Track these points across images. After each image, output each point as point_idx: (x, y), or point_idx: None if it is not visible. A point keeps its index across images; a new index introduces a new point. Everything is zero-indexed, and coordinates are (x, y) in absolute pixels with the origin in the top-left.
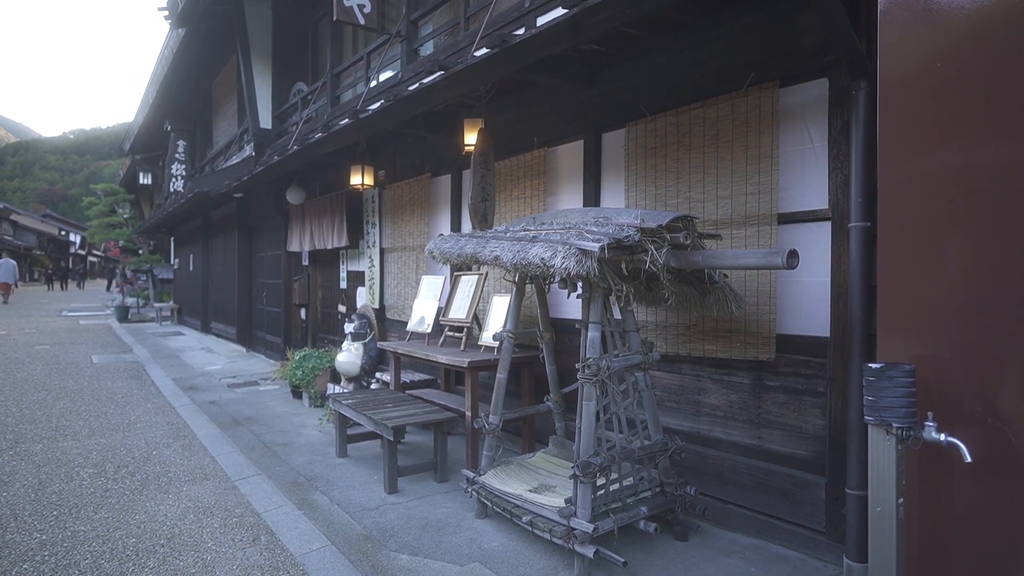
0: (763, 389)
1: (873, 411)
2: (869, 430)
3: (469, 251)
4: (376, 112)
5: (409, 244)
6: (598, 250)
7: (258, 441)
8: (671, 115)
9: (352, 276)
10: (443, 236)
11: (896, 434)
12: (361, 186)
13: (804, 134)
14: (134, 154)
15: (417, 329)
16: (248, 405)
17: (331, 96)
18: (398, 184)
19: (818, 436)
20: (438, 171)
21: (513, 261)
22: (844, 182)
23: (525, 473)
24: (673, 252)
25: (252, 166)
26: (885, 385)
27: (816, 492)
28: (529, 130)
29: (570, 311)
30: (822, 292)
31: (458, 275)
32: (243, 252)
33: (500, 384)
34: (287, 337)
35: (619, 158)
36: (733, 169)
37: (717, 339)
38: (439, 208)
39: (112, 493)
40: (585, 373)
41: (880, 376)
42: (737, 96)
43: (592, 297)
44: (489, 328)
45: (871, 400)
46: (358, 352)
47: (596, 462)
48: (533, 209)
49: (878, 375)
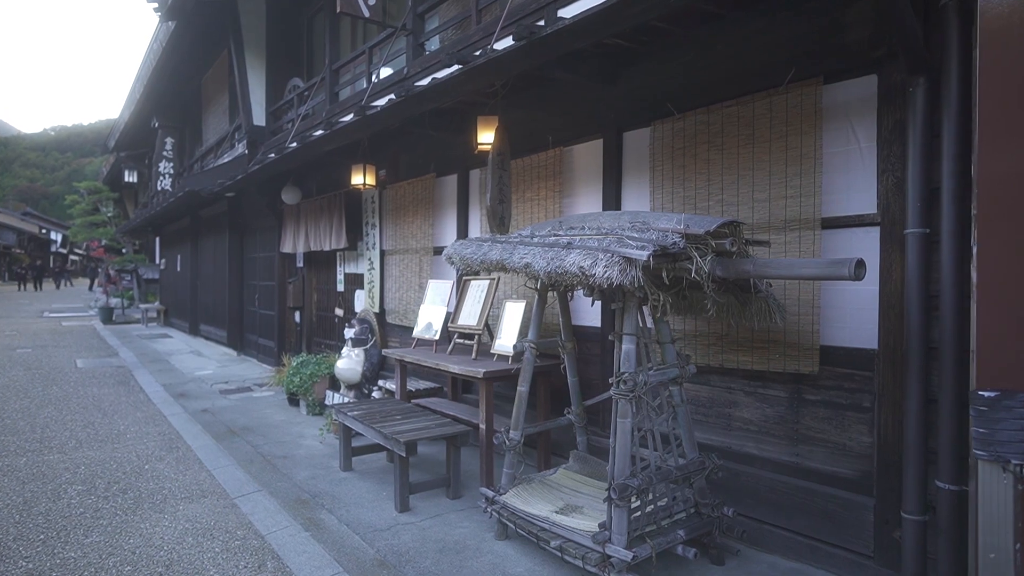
0: (801, 403)
1: (986, 445)
2: (980, 467)
3: (495, 257)
4: (384, 108)
5: (412, 246)
6: (646, 258)
7: (256, 453)
8: (702, 113)
9: (350, 279)
10: (463, 241)
11: (1014, 471)
12: (363, 186)
13: (849, 134)
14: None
15: (424, 336)
16: (243, 413)
17: (329, 92)
18: (400, 184)
19: (864, 454)
20: (443, 171)
21: (547, 269)
22: (897, 185)
23: (548, 492)
24: (719, 260)
25: (246, 164)
26: (1002, 416)
27: (863, 514)
28: (543, 129)
29: (586, 318)
30: (869, 302)
31: (467, 279)
32: (234, 253)
33: (521, 397)
34: (281, 341)
35: (643, 158)
36: (771, 171)
37: (753, 350)
38: (444, 209)
39: (103, 513)
40: (620, 388)
41: (995, 406)
42: (776, 93)
43: (626, 307)
44: (502, 336)
45: (983, 433)
46: (359, 358)
47: (634, 484)
48: (548, 212)
49: (992, 405)
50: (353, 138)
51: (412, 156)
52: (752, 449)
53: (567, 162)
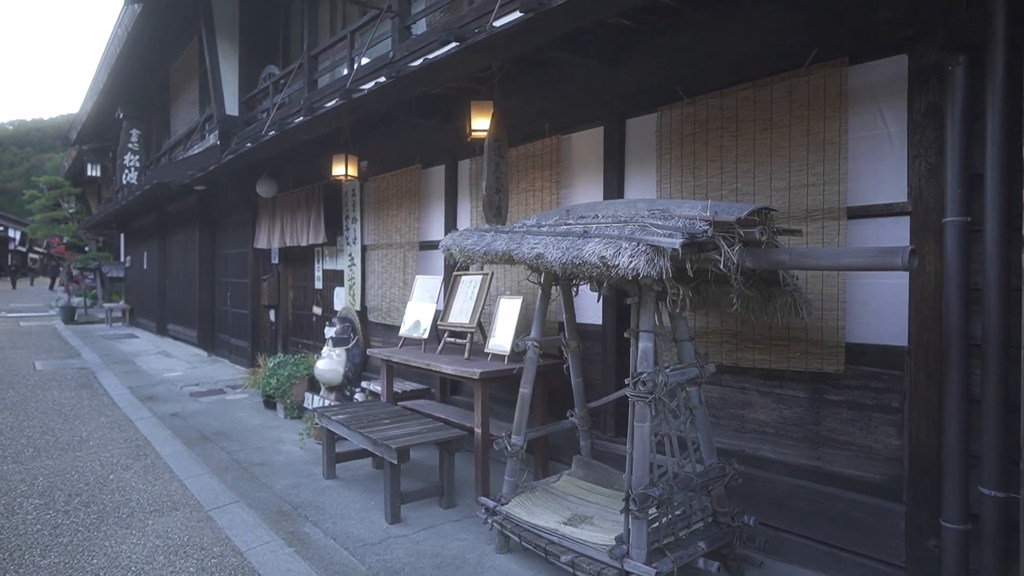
0: (822, 404)
1: None
2: None
3: (500, 248)
4: (372, 91)
5: (396, 241)
6: (678, 246)
7: (232, 460)
8: (714, 97)
9: (329, 275)
10: (463, 231)
11: None
12: (344, 177)
13: (876, 118)
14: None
15: (412, 335)
16: (216, 417)
17: (308, 80)
18: (383, 176)
19: (892, 458)
20: (430, 162)
21: (562, 261)
22: (931, 172)
23: (553, 501)
24: (749, 251)
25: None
26: None
27: (892, 521)
28: (539, 116)
29: (585, 315)
30: (898, 296)
31: (458, 275)
32: (205, 249)
33: (524, 400)
34: (255, 341)
35: (649, 146)
36: (791, 158)
37: (771, 348)
38: (431, 202)
39: (63, 530)
40: (638, 390)
41: None
42: (797, 76)
43: (642, 302)
44: (496, 334)
45: None
46: (340, 359)
47: (654, 494)
48: (544, 203)
49: None
50: (335, 126)
51: (396, 146)
52: (768, 453)
53: (565, 151)
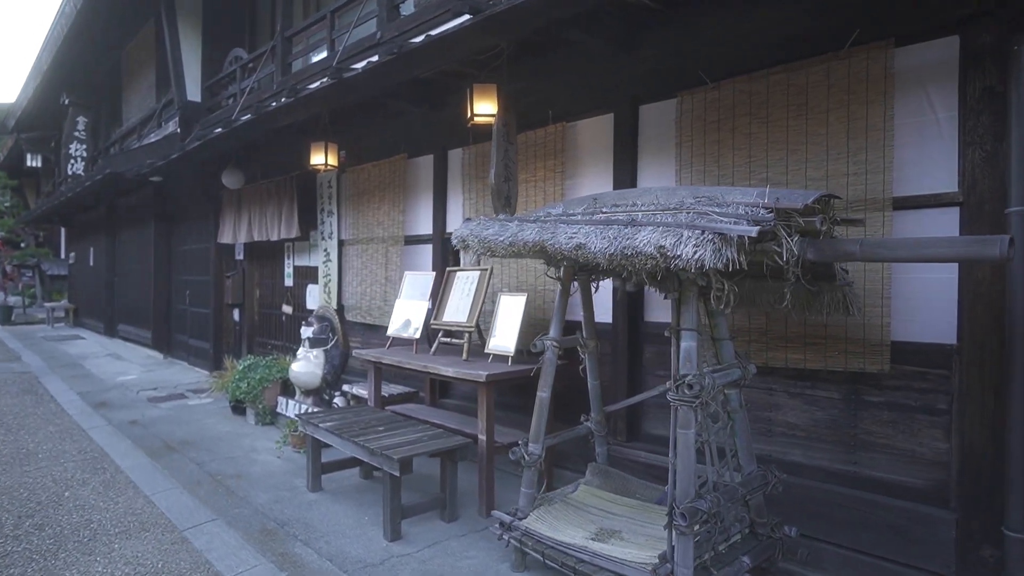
0: (859, 405)
1: None
2: None
3: (530, 238)
4: (366, 71)
5: (378, 235)
6: (755, 234)
7: (203, 473)
8: (742, 82)
9: (301, 272)
10: (479, 221)
11: None
12: (324, 167)
13: (922, 103)
14: (20, 132)
15: (401, 334)
16: (180, 425)
17: (281, 63)
18: (364, 167)
19: (938, 462)
20: (417, 151)
21: (609, 251)
22: (987, 160)
23: (575, 514)
24: (811, 242)
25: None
26: None
27: (941, 529)
28: (542, 101)
29: None
30: (946, 292)
31: (452, 271)
32: (161, 245)
33: (542, 405)
34: (217, 342)
35: (664, 134)
36: (829, 145)
37: (806, 347)
38: (418, 195)
39: (16, 559)
40: (683, 393)
41: None
42: (836, 58)
43: (684, 298)
44: (497, 334)
45: None
46: (318, 360)
47: (703, 507)
48: (547, 195)
49: None
50: (318, 111)
51: (378, 135)
52: (798, 457)
53: (570, 139)
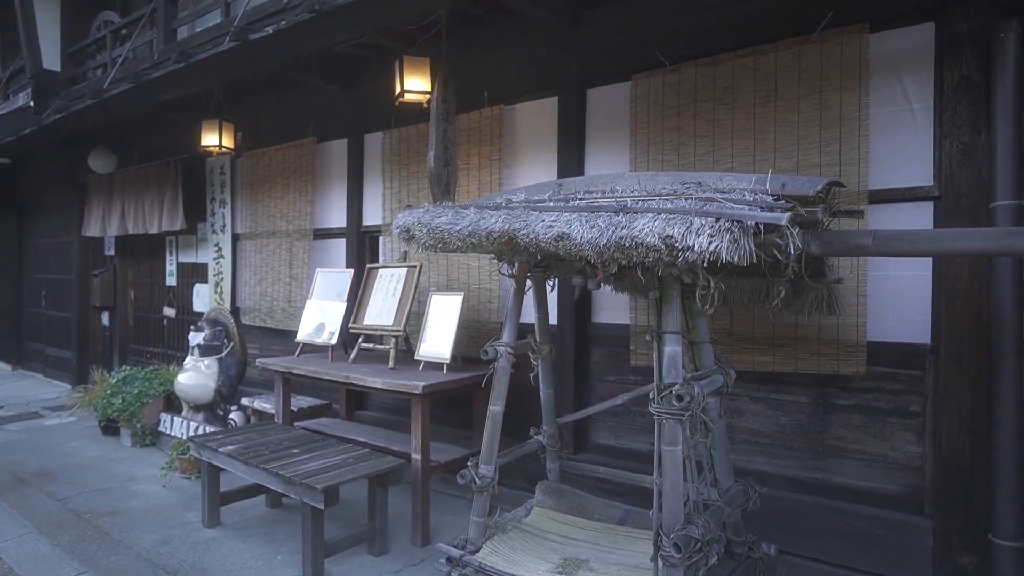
0: (827, 409)
1: None
2: None
3: (496, 227)
4: (279, 33)
5: (281, 228)
6: (785, 222)
7: (66, 511)
8: (705, 65)
9: (186, 270)
10: (427, 209)
11: None
12: (217, 149)
13: (896, 92)
14: None
15: (314, 340)
16: (34, 451)
17: (165, 29)
18: (264, 151)
19: (911, 467)
20: (329, 134)
21: (600, 242)
22: (964, 152)
23: (533, 543)
24: (814, 234)
25: (36, 118)
26: None
27: (916, 536)
28: (477, 81)
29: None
30: (918, 290)
31: (374, 268)
32: (9, 238)
33: (495, 419)
34: (82, 350)
35: (619, 120)
36: (800, 134)
37: (774, 349)
38: (329, 183)
39: None
40: (672, 405)
41: None
42: (808, 42)
43: (666, 297)
44: (428, 338)
45: None
46: (211, 371)
47: (696, 535)
48: (483, 184)
49: None
50: (208, 83)
51: (282, 116)
52: (763, 465)
53: (508, 124)
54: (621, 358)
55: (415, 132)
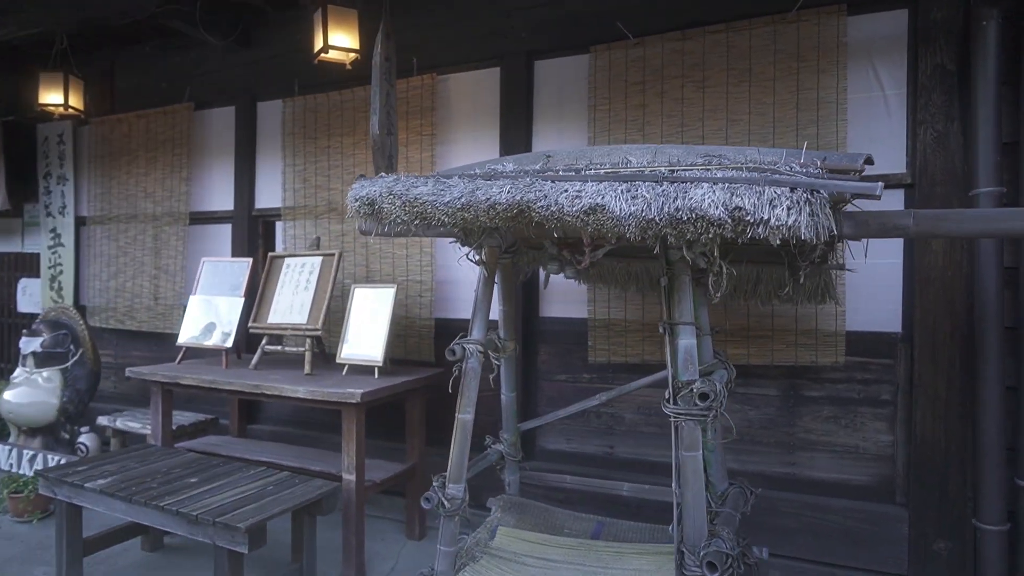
0: (797, 402)
1: None
2: None
3: (503, 199)
4: None
5: (145, 211)
6: (879, 192)
7: None
8: (673, 39)
9: (8, 261)
10: (397, 178)
11: None
12: (61, 110)
13: (869, 78)
14: None
15: (202, 343)
16: None
17: None
18: (123, 117)
19: (882, 456)
20: (210, 100)
21: (649, 215)
22: (939, 140)
23: (510, 570)
24: (846, 215)
25: None
26: None
27: (891, 527)
28: (403, 47)
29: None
30: (888, 278)
31: (278, 257)
32: None
33: (464, 429)
34: None
35: (573, 96)
36: (776, 117)
37: (749, 341)
38: (212, 158)
39: None
40: (693, 405)
41: None
42: (784, 21)
43: (676, 284)
44: (351, 339)
45: None
46: (52, 384)
47: (727, 549)
48: (412, 162)
49: None
50: (45, 23)
51: (148, 75)
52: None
53: (442, 95)
54: (575, 355)
55: (325, 101)
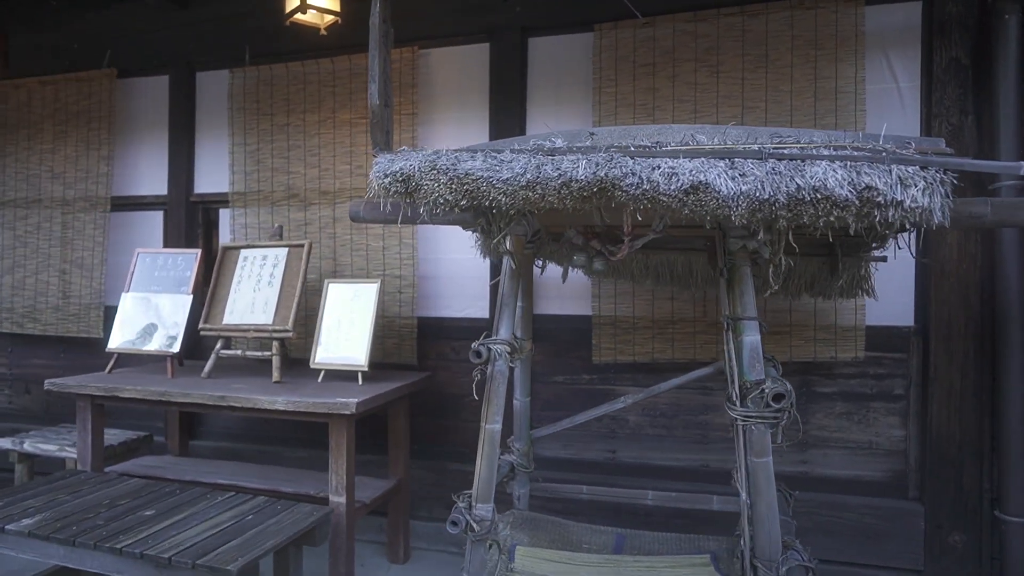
0: (809, 398)
1: None
2: None
3: (582, 175)
4: None
5: (52, 195)
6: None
7: None
8: (685, 21)
9: None
10: (431, 153)
11: None
12: None
13: (883, 70)
14: None
15: (140, 348)
16: None
17: None
18: (20, 83)
19: (895, 451)
20: (138, 68)
21: (763, 195)
22: (953, 134)
23: None
24: None
25: None
26: None
27: (906, 522)
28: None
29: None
30: (900, 272)
31: (233, 249)
32: None
33: (492, 441)
34: None
35: (572, 76)
36: (794, 105)
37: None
38: (140, 134)
39: None
40: (766, 407)
41: None
42: (802, 7)
43: (736, 276)
44: (325, 341)
45: None
46: None
47: (807, 561)
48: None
49: None
50: None
51: (55, 35)
52: None
53: (423, 71)
54: (573, 355)
55: (284, 73)
